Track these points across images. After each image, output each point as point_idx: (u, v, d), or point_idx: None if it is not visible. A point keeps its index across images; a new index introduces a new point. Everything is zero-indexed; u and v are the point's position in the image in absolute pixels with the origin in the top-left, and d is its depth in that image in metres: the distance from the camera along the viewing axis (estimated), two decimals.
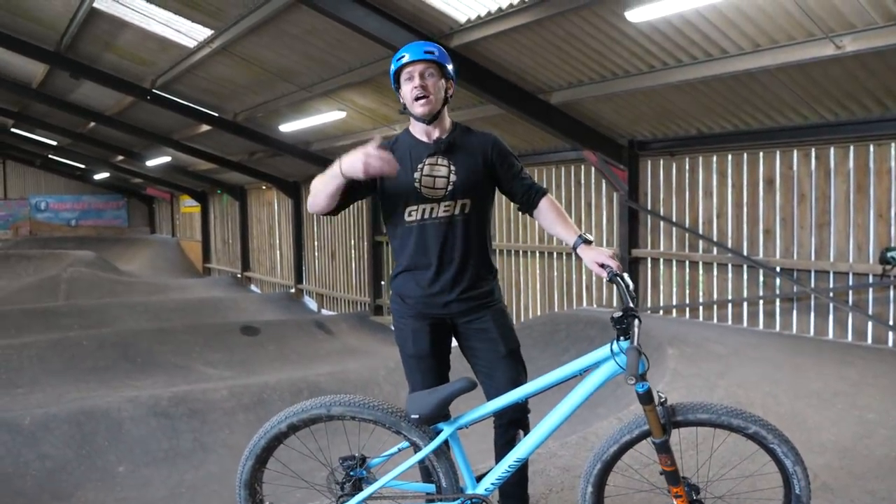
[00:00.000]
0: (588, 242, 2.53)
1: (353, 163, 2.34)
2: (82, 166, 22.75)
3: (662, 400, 2.27)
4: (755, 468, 2.69)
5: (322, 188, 2.48)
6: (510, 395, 2.45)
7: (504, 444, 2.67)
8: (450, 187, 2.60)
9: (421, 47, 2.59)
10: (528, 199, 2.72)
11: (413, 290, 2.67)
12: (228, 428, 6.57)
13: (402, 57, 2.57)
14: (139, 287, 16.46)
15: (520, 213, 2.86)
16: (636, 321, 2.22)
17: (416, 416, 2.36)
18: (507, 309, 2.81)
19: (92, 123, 15.19)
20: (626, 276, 2.39)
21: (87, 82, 11.42)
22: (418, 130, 2.67)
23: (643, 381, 2.22)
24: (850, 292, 6.27)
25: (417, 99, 2.56)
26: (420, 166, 2.61)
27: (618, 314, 2.25)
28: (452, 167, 2.62)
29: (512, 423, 2.67)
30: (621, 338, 2.25)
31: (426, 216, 2.61)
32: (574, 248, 2.55)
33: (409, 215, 2.63)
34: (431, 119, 2.61)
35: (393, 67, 2.62)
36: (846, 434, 4.00)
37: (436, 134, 2.65)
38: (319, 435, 2.67)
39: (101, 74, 10.84)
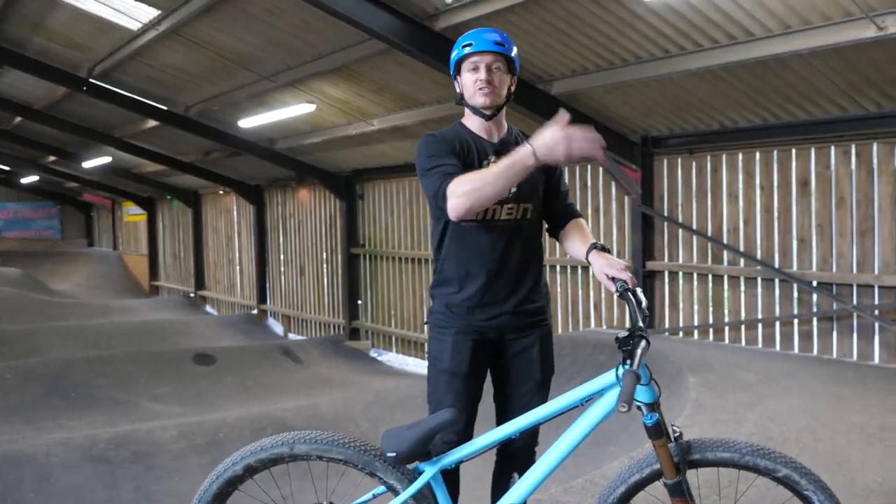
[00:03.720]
0: (603, 249, 2.60)
1: (553, 147, 2.28)
2: (7, 168, 22.64)
3: (677, 434, 2.28)
4: None
5: (503, 182, 2.40)
6: (501, 429, 2.46)
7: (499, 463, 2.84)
8: (513, 189, 2.66)
9: (490, 37, 2.71)
10: (562, 221, 2.89)
11: (461, 299, 2.74)
12: (178, 474, 6.53)
13: (468, 45, 2.71)
14: (74, 309, 16.38)
15: None
16: (642, 342, 2.23)
17: (393, 455, 2.36)
18: (552, 331, 2.93)
19: (18, 118, 15.14)
20: (639, 290, 2.41)
21: (12, 70, 11.37)
22: (477, 126, 2.81)
23: (653, 411, 2.23)
24: None
25: (481, 90, 2.70)
26: (486, 163, 2.71)
27: (623, 334, 2.26)
28: None
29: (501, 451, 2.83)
30: (627, 361, 2.25)
31: (487, 217, 2.70)
32: (587, 255, 2.62)
33: None
34: (492, 114, 2.76)
35: (456, 54, 2.77)
36: (895, 474, 4.02)
37: (496, 135, 2.81)
38: (283, 481, 2.67)
39: (29, 61, 10.78)
